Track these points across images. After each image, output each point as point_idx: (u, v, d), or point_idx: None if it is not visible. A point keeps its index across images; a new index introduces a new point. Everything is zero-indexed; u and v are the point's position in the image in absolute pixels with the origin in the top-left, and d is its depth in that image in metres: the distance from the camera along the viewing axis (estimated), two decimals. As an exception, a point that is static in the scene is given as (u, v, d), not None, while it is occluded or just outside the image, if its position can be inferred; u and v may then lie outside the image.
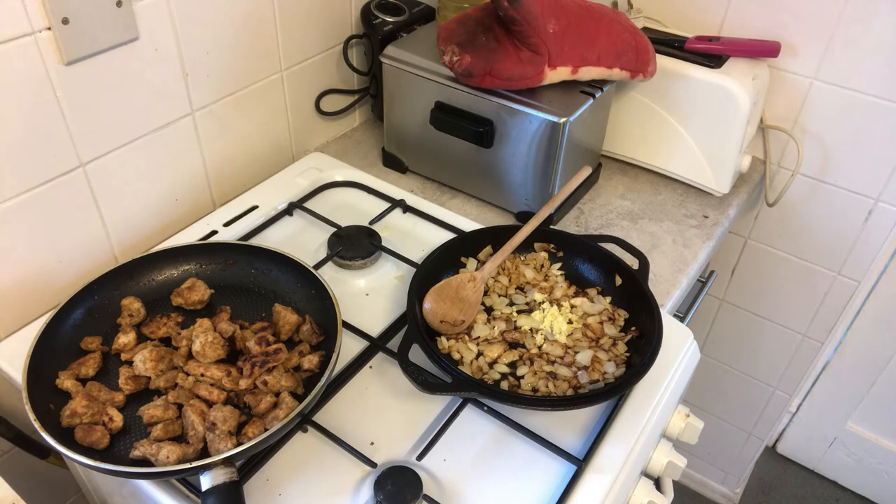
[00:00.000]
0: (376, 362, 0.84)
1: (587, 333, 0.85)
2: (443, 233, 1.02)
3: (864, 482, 1.86)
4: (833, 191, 1.24)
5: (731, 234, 1.40)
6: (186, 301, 0.82)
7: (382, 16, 1.14)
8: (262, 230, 1.01)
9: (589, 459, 0.74)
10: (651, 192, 1.17)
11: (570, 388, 0.79)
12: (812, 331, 1.44)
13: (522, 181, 1.04)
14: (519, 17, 0.90)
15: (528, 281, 0.92)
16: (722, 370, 1.64)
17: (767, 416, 1.64)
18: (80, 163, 0.86)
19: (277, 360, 0.72)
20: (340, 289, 0.90)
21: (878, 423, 1.70)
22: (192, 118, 0.97)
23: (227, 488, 0.63)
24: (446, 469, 0.74)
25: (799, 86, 1.17)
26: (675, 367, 0.85)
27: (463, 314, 0.85)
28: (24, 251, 0.84)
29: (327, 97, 1.20)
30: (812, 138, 1.21)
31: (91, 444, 0.67)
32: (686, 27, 1.21)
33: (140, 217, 0.97)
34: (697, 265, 1.04)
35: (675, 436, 0.85)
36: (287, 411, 0.69)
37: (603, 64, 0.99)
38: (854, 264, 1.30)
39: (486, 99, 0.99)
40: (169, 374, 0.74)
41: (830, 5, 1.08)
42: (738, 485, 1.82)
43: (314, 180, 1.10)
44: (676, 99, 1.10)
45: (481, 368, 0.81)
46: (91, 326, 0.78)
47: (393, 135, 1.14)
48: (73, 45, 0.78)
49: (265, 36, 1.02)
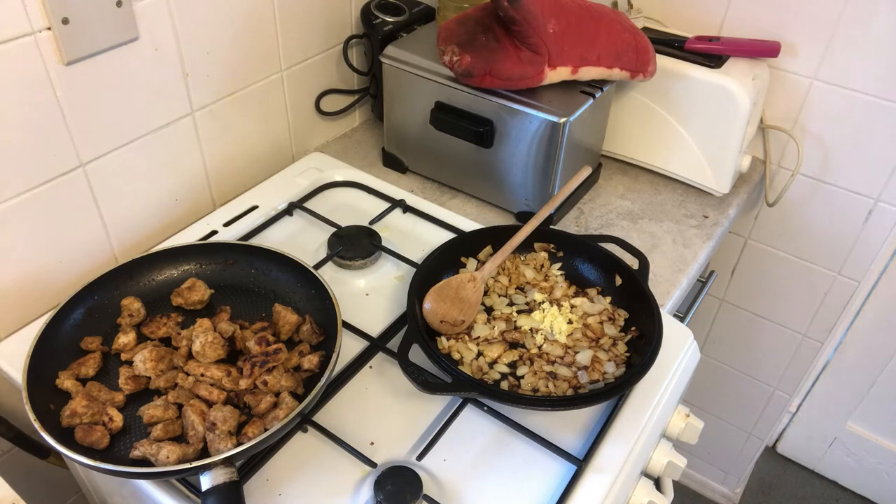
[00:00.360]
0: (376, 362, 0.84)
1: (587, 333, 0.85)
2: (443, 233, 1.02)
3: (864, 482, 1.86)
4: (833, 191, 1.24)
5: (731, 234, 1.40)
6: (186, 301, 0.82)
7: (382, 16, 1.14)
8: (262, 230, 1.01)
9: (589, 459, 0.74)
10: (651, 192, 1.17)
11: (570, 388, 0.79)
12: (812, 331, 1.44)
13: (522, 181, 1.04)
14: (519, 17, 0.90)
15: (528, 281, 0.92)
16: (722, 370, 1.64)
17: (767, 416, 1.64)
18: (80, 163, 0.86)
19: (277, 360, 0.72)
20: (340, 289, 0.90)
21: (878, 423, 1.70)
22: (192, 118, 0.97)
23: (227, 488, 0.63)
24: (446, 469, 0.74)
25: (799, 86, 1.17)
26: (675, 367, 0.85)
27: (463, 314, 0.85)
28: (24, 251, 0.84)
29: (327, 97, 1.20)
30: (812, 138, 1.21)
31: (91, 444, 0.67)
32: (686, 27, 1.21)
33: (140, 217, 0.97)
34: (697, 265, 1.04)
35: (675, 436, 0.85)
36: (287, 411, 0.69)
37: (603, 64, 0.99)
38: (854, 264, 1.30)
39: (486, 99, 0.99)
40: (169, 374, 0.74)
41: (830, 5, 1.08)
42: (738, 485, 1.82)
43: (314, 180, 1.10)
44: (676, 99, 1.10)
45: (481, 368, 0.81)
46: (91, 326, 0.78)
47: (393, 135, 1.14)
48: (73, 45, 0.78)
49: (265, 36, 1.02)
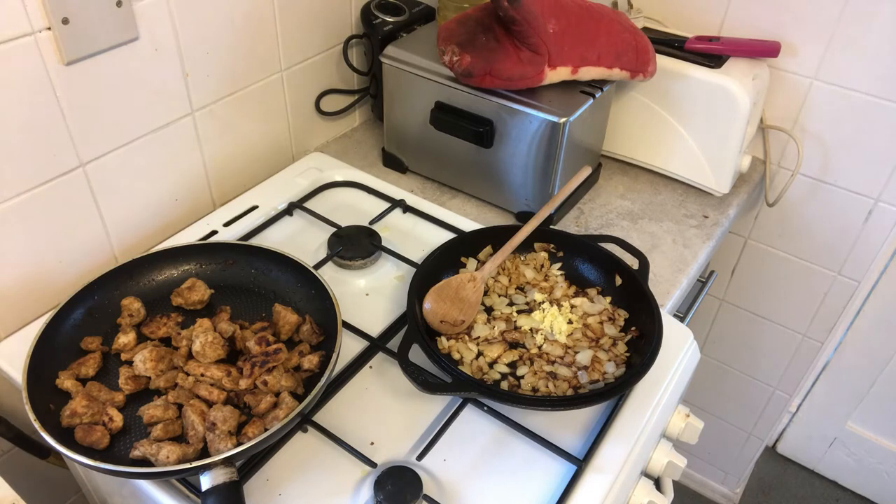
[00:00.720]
0: (376, 362, 0.84)
1: (587, 333, 0.85)
2: (443, 233, 1.02)
3: (864, 482, 1.86)
4: (833, 191, 1.24)
5: (731, 234, 1.40)
6: (186, 301, 0.82)
7: (382, 16, 1.14)
8: (262, 230, 1.01)
9: (589, 459, 0.74)
10: (651, 192, 1.17)
11: (570, 388, 0.79)
12: (812, 331, 1.44)
13: (522, 181, 1.04)
14: (519, 17, 0.90)
15: (528, 281, 0.92)
16: (722, 370, 1.64)
17: (767, 416, 1.64)
18: (80, 163, 0.86)
19: (277, 360, 0.72)
20: (340, 289, 0.90)
21: (878, 423, 1.70)
22: (192, 118, 0.97)
23: (227, 488, 0.63)
24: (446, 469, 0.74)
25: (799, 86, 1.17)
26: (675, 367, 0.85)
27: (463, 314, 0.85)
28: (24, 251, 0.84)
29: (327, 97, 1.20)
30: (812, 138, 1.21)
31: (91, 444, 0.67)
32: (686, 27, 1.21)
33: (140, 217, 0.97)
34: (697, 265, 1.04)
35: (675, 436, 0.85)
36: (287, 411, 0.69)
37: (603, 64, 0.99)
38: (854, 264, 1.30)
39: (486, 99, 0.99)
40: (169, 374, 0.74)
41: (830, 5, 1.08)
42: (738, 485, 1.82)
43: (314, 180, 1.10)
44: (676, 99, 1.10)
45: (481, 368, 0.81)
46: (91, 326, 0.78)
47: (393, 135, 1.14)
48: (73, 45, 0.78)
49: (265, 36, 1.02)
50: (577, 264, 0.94)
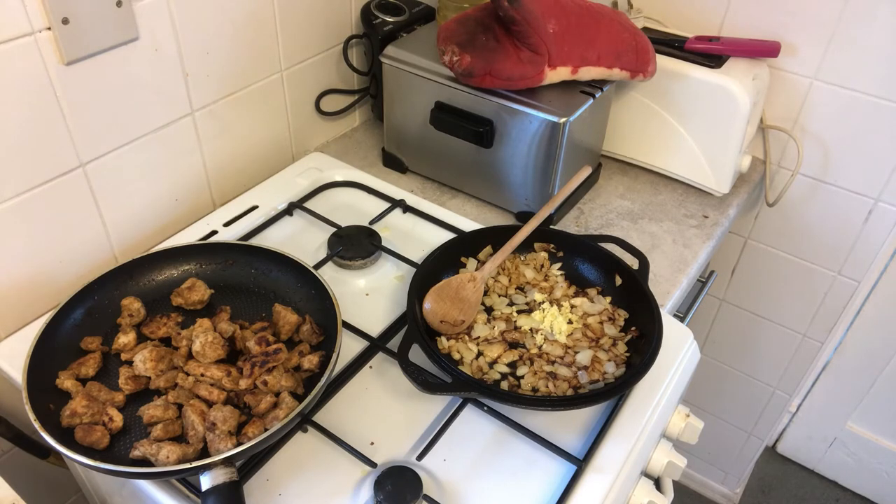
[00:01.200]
0: (376, 362, 0.84)
1: (587, 333, 0.85)
2: (443, 233, 1.02)
3: (864, 482, 1.86)
4: (833, 191, 1.24)
5: (731, 234, 1.40)
6: (186, 301, 0.82)
7: (382, 16, 1.14)
8: (262, 230, 1.01)
9: (589, 459, 0.74)
10: (651, 192, 1.17)
11: (570, 388, 0.79)
12: (812, 331, 1.44)
13: (522, 181, 1.04)
14: (519, 17, 0.90)
15: (528, 281, 0.92)
16: (722, 370, 1.64)
17: (767, 416, 1.64)
18: (80, 163, 0.86)
19: (277, 360, 0.72)
20: (340, 289, 0.90)
21: (878, 423, 1.70)
22: (192, 118, 0.97)
23: (227, 488, 0.63)
24: (446, 469, 0.74)
25: (799, 86, 1.17)
26: (675, 367, 0.85)
27: (463, 314, 0.85)
28: (24, 251, 0.84)
29: (327, 97, 1.20)
30: (812, 138, 1.21)
31: (91, 444, 0.67)
32: (686, 27, 1.21)
33: (140, 217, 0.97)
34: (697, 265, 1.04)
35: (675, 436, 0.85)
36: (287, 411, 0.69)
37: (603, 64, 0.99)
38: (854, 264, 1.30)
39: (486, 99, 0.99)
40: (169, 374, 0.74)
41: (830, 5, 1.08)
42: (738, 485, 1.82)
43: (314, 180, 1.10)
44: (676, 99, 1.10)
45: (481, 368, 0.81)
46: (91, 326, 0.78)
47: (393, 135, 1.14)
48: (73, 45, 0.78)
49: (265, 36, 1.02)
50: (577, 264, 0.94)
